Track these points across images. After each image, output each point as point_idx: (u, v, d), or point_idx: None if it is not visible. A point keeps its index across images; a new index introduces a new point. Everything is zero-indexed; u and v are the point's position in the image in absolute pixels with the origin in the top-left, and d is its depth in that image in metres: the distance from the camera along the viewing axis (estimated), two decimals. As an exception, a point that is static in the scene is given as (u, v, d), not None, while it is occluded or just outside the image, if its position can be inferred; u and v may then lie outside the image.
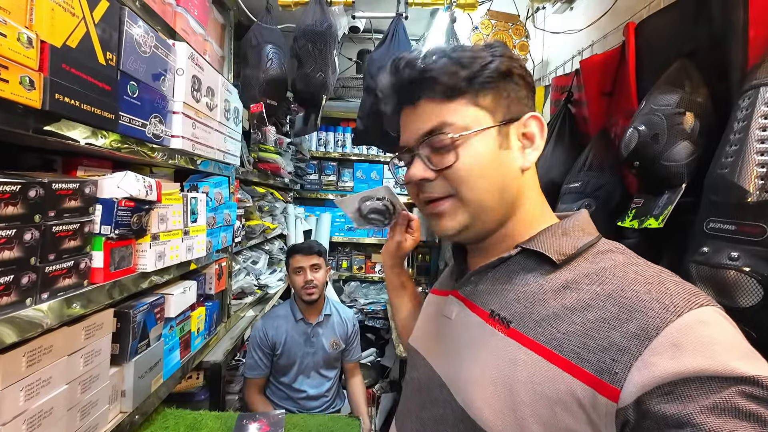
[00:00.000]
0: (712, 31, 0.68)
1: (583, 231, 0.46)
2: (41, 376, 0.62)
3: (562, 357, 0.37)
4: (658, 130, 0.66)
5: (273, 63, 1.28)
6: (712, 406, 0.30)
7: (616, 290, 0.38)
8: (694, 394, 0.30)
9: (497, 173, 0.46)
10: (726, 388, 0.30)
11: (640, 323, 0.34)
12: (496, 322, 0.44)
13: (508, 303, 0.44)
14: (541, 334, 0.40)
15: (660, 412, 0.31)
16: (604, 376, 0.34)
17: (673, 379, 0.31)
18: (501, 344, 0.43)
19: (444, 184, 0.46)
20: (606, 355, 0.35)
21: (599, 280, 0.40)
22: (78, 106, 0.64)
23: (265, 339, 1.55)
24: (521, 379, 0.39)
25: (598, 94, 1.00)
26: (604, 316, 0.37)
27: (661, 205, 0.68)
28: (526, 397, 0.38)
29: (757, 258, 0.50)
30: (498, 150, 0.46)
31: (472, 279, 0.51)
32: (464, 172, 0.45)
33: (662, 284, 0.37)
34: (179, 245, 1.00)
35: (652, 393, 0.32)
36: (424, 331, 0.59)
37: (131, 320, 0.85)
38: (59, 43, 0.60)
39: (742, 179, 0.52)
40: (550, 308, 0.41)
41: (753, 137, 0.52)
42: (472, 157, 0.45)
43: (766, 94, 0.52)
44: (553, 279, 0.42)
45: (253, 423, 0.89)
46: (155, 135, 0.88)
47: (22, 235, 0.57)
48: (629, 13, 1.00)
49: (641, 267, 0.40)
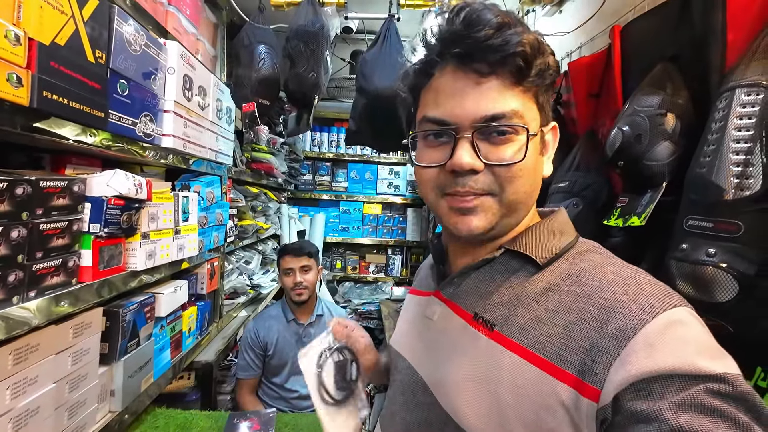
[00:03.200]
0: (694, 34, 0.70)
1: (564, 231, 0.46)
2: (28, 375, 0.62)
3: (545, 359, 0.37)
4: (641, 130, 0.68)
5: (265, 63, 1.28)
6: (680, 403, 0.31)
7: (595, 291, 0.38)
8: (664, 392, 0.31)
9: (534, 178, 0.43)
10: (693, 386, 0.31)
11: (618, 324, 0.35)
12: (480, 325, 0.44)
13: (491, 306, 0.44)
14: (524, 337, 0.40)
15: (632, 408, 0.32)
16: (586, 377, 0.35)
17: (646, 376, 0.32)
18: (485, 347, 0.42)
19: (490, 180, 0.41)
20: (587, 356, 0.35)
21: (579, 281, 0.40)
22: (67, 103, 0.64)
23: (256, 340, 1.55)
24: (505, 382, 0.39)
25: (586, 96, 1.02)
26: (584, 318, 0.37)
27: (643, 204, 0.69)
28: (510, 400, 0.38)
29: (733, 254, 0.51)
30: (538, 155, 0.44)
31: (455, 280, 0.50)
32: (520, 173, 0.41)
33: (638, 285, 0.37)
34: (170, 244, 1.00)
35: (627, 390, 0.32)
36: (406, 332, 0.58)
37: (120, 319, 0.84)
38: (48, 40, 0.60)
39: (719, 178, 0.54)
40: (533, 311, 0.40)
41: (729, 137, 0.54)
42: (530, 158, 0.41)
43: (741, 95, 0.54)
44: (535, 281, 0.42)
45: (244, 422, 0.89)
46: (146, 134, 0.88)
47: (9, 232, 0.57)
48: (615, 17, 1.02)
49: (617, 267, 0.41)
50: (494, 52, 0.39)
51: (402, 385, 0.53)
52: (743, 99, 0.53)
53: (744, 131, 0.53)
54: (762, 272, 0.49)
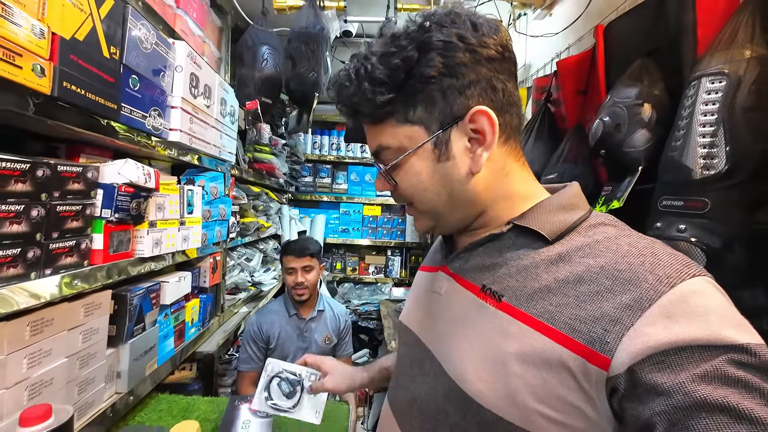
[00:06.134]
0: (668, 31, 0.75)
1: (574, 205, 0.44)
2: (43, 347, 0.66)
3: (554, 329, 0.37)
4: (620, 120, 0.73)
5: (268, 63, 1.34)
6: (703, 374, 0.30)
7: (609, 263, 0.37)
8: (685, 363, 0.31)
9: (439, 185, 0.45)
10: (716, 356, 0.30)
11: (633, 295, 0.34)
12: (488, 296, 0.43)
13: (499, 277, 0.44)
14: (533, 307, 0.39)
15: (652, 380, 0.31)
16: (596, 345, 0.34)
17: (665, 348, 0.31)
18: (492, 317, 0.42)
19: (402, 195, 0.48)
20: (597, 325, 0.35)
21: (592, 252, 0.39)
22: (83, 94, 0.69)
23: (259, 333, 1.58)
24: (513, 351, 0.39)
25: (574, 93, 1.07)
26: (597, 289, 0.36)
27: (623, 188, 0.73)
28: (518, 369, 0.38)
29: (701, 229, 0.55)
30: (436, 164, 0.44)
31: (462, 255, 0.50)
32: (407, 191, 0.46)
33: (655, 256, 0.37)
34: (175, 234, 1.04)
35: (644, 362, 0.32)
36: (414, 307, 0.58)
37: (128, 303, 0.88)
38: (68, 35, 0.65)
39: (688, 159, 0.58)
40: (542, 281, 0.40)
41: (696, 122, 0.58)
42: (411, 177, 0.45)
43: (707, 83, 0.58)
44: (545, 252, 0.42)
45: (245, 404, 0.92)
46: (154, 127, 0.93)
47: (30, 211, 0.61)
48: (600, 17, 1.07)
49: (633, 238, 0.40)
50: (346, 111, 0.47)
51: (409, 358, 0.53)
52: (708, 86, 0.58)
53: (709, 116, 0.57)
54: (727, 245, 0.53)
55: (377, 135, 0.46)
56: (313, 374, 0.80)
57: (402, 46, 0.42)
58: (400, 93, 0.43)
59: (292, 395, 0.78)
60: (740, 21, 0.58)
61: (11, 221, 0.59)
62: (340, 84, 0.46)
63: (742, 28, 0.57)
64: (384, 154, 0.46)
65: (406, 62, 0.42)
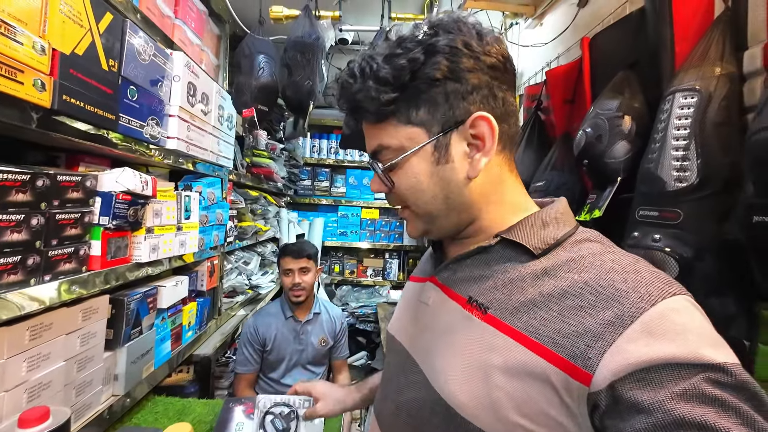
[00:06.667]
0: (648, 45, 0.77)
1: (561, 221, 0.45)
2: (41, 351, 0.68)
3: (537, 342, 0.37)
4: (601, 131, 0.75)
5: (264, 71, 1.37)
6: (681, 392, 0.30)
7: (593, 278, 0.38)
8: (664, 381, 0.31)
9: (437, 188, 0.45)
10: (694, 375, 0.31)
11: (616, 311, 0.35)
12: (474, 308, 0.44)
13: (486, 289, 0.44)
14: (518, 320, 0.40)
15: (633, 398, 0.32)
16: (578, 360, 0.35)
17: (645, 365, 0.32)
18: (477, 330, 0.42)
19: (397, 197, 0.48)
20: (580, 340, 0.35)
21: (577, 268, 0.40)
22: (82, 106, 0.71)
23: (255, 335, 1.60)
24: (496, 364, 0.39)
25: (562, 102, 1.09)
26: (580, 304, 0.37)
27: (604, 198, 0.76)
28: (501, 382, 0.38)
29: (674, 239, 0.57)
30: (435, 166, 0.45)
31: (450, 266, 0.50)
32: (404, 192, 0.47)
33: (638, 273, 0.37)
34: (172, 239, 1.07)
35: (625, 379, 0.32)
36: (402, 317, 0.59)
37: (125, 307, 0.91)
38: (68, 50, 0.67)
39: (662, 171, 0.60)
40: (528, 295, 0.40)
41: (670, 135, 0.61)
42: (409, 178, 0.45)
43: (680, 98, 0.61)
44: (531, 266, 0.42)
45: (239, 406, 0.94)
46: (152, 136, 0.95)
47: (30, 220, 0.64)
48: (587, 29, 1.10)
49: (617, 255, 0.40)
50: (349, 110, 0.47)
51: (395, 367, 0.54)
52: (681, 101, 0.60)
53: (682, 130, 0.59)
54: (698, 255, 0.55)
55: (377, 134, 0.46)
56: (306, 401, 0.81)
57: (409, 48, 0.43)
58: (404, 93, 0.43)
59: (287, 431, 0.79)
60: (712, 39, 0.60)
61: (12, 230, 0.61)
62: (344, 81, 0.46)
63: (713, 46, 0.59)
64: (383, 153, 0.47)
65: (412, 63, 0.42)
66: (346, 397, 0.79)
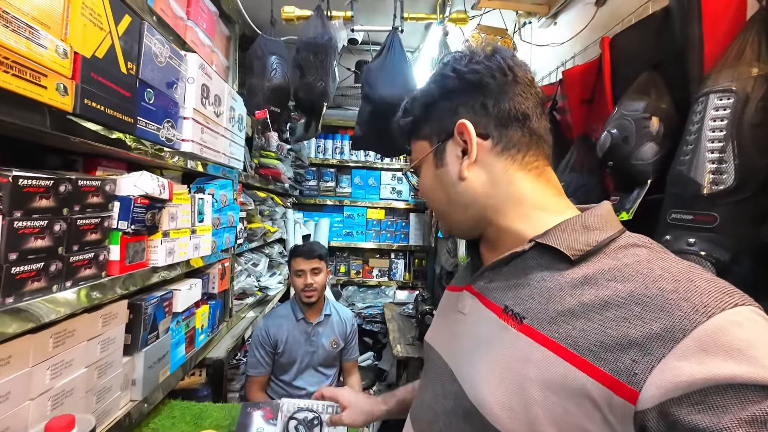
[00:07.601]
0: (674, 45, 0.76)
1: (603, 225, 0.43)
2: (64, 358, 0.67)
3: (576, 355, 0.36)
4: (627, 132, 0.74)
5: (277, 73, 1.35)
6: (750, 419, 0.28)
7: (639, 288, 0.36)
8: (728, 404, 0.29)
9: (437, 189, 0.53)
10: (764, 399, 0.28)
11: (665, 324, 0.32)
12: (509, 318, 0.43)
13: (522, 298, 0.43)
14: (555, 330, 0.38)
15: (692, 423, 0.29)
16: (622, 376, 0.33)
17: (702, 386, 0.29)
18: (513, 340, 0.41)
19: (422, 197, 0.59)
20: (625, 355, 0.33)
21: (621, 276, 0.37)
22: (103, 110, 0.70)
23: (267, 337, 1.60)
24: (533, 377, 0.38)
25: (579, 102, 1.08)
26: (624, 315, 0.35)
27: (632, 200, 0.75)
28: (539, 396, 0.37)
29: (710, 243, 0.56)
30: (435, 171, 0.53)
31: (486, 274, 0.50)
32: (422, 194, 0.58)
33: (691, 282, 0.34)
34: (187, 243, 1.06)
35: (681, 401, 0.30)
36: (439, 326, 0.59)
37: (143, 312, 0.90)
38: (89, 53, 0.66)
39: (696, 174, 0.59)
40: (566, 304, 0.39)
41: (705, 138, 0.60)
42: (423, 182, 0.56)
43: (715, 99, 0.60)
44: (570, 274, 0.41)
45: (258, 410, 0.93)
46: (167, 138, 0.95)
47: (53, 226, 0.63)
48: (605, 29, 1.09)
49: (667, 262, 0.37)
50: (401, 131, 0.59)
51: (432, 375, 0.54)
52: (716, 103, 0.59)
53: (718, 132, 0.58)
54: (735, 258, 0.54)
55: (414, 149, 0.58)
56: (330, 406, 0.81)
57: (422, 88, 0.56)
58: (413, 119, 0.56)
59: None
60: (747, 39, 0.59)
61: (36, 236, 0.60)
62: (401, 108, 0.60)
63: (749, 46, 0.58)
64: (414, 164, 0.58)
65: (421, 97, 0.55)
66: (374, 408, 0.79)
